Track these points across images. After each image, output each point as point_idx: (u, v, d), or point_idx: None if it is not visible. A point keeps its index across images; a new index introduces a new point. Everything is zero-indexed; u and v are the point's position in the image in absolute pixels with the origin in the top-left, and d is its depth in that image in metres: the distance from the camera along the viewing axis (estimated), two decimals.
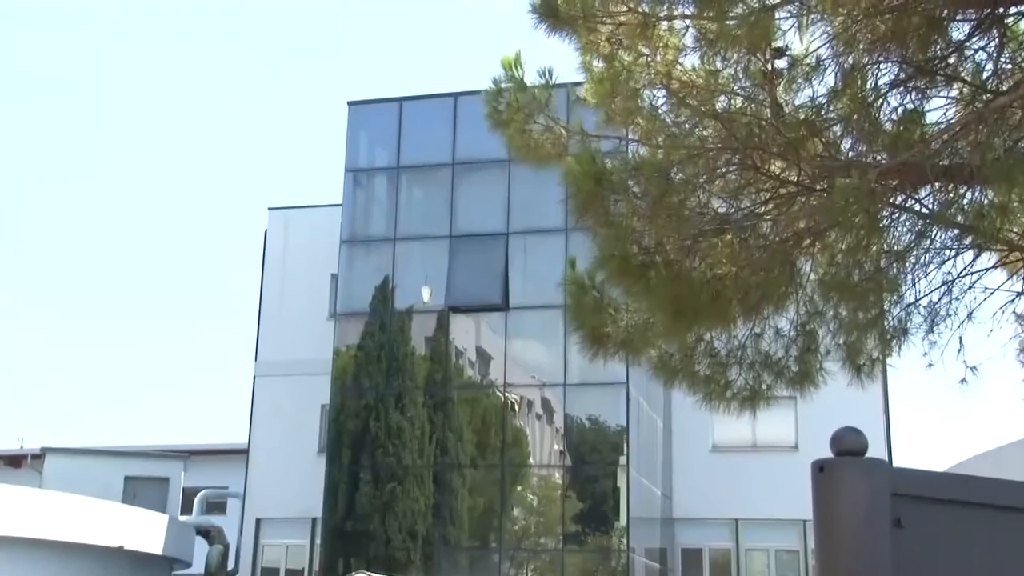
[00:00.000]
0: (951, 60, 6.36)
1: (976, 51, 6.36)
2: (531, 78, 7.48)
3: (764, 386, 7.79)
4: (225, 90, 77.39)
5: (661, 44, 6.87)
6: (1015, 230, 6.83)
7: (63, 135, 73.80)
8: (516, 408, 26.54)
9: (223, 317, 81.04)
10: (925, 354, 7.44)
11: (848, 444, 1.87)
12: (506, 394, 26.33)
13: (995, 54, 6.32)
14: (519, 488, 26.36)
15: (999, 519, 1.99)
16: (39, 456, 32.51)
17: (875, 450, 1.99)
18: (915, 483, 1.92)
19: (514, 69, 7.46)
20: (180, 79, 76.86)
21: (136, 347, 76.71)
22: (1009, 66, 6.29)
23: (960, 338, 7.22)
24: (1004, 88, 6.12)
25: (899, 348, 7.39)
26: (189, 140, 76.69)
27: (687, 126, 7.02)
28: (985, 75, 6.34)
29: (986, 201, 6.30)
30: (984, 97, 6.16)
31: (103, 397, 73.05)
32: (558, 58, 7.37)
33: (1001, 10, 6.11)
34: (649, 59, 6.96)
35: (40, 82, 69.51)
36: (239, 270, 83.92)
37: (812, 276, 7.33)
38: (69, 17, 66.51)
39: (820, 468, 1.88)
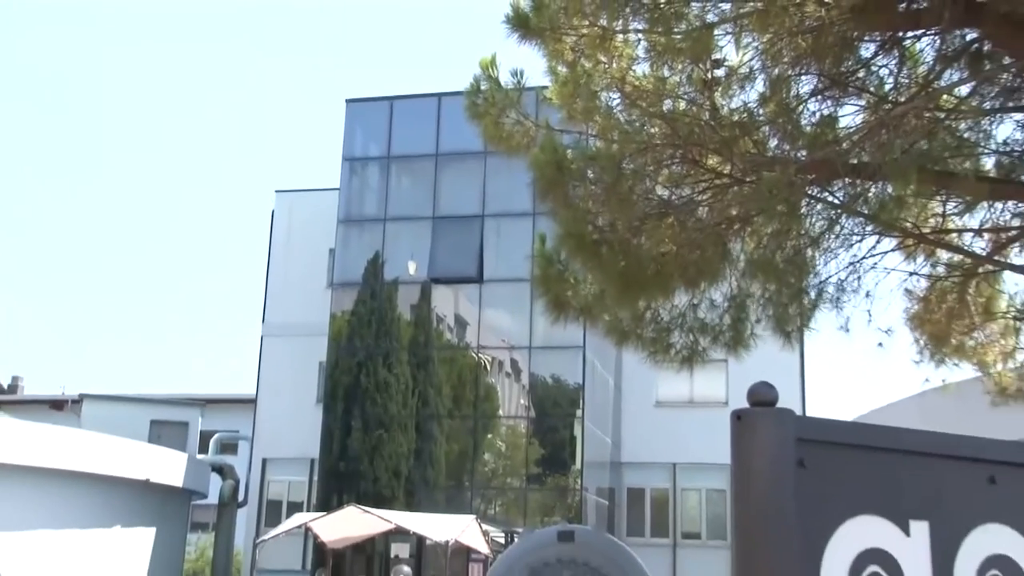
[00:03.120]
0: (860, 74, 6.39)
1: (880, 67, 6.41)
2: (505, 79, 7.44)
3: (701, 348, 7.83)
4: (242, 89, 77.13)
5: (617, 54, 6.85)
6: (910, 220, 6.89)
7: (90, 129, 73.18)
8: (488, 367, 26.59)
9: (236, 285, 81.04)
10: (842, 325, 7.51)
11: (761, 396, 1.89)
12: (479, 355, 26.36)
13: (896, 70, 6.36)
14: (489, 436, 26.44)
15: (887, 459, 2.03)
16: (78, 401, 32.56)
17: (792, 404, 2.01)
18: (817, 429, 1.95)
19: (490, 69, 7.41)
20: (205, 80, 76.51)
21: (163, 311, 76.77)
22: (906, 80, 6.34)
23: (869, 311, 7.31)
24: (902, 99, 6.17)
25: (812, 318, 7.45)
26: (212, 133, 76.41)
27: (637, 124, 7.01)
28: (887, 88, 6.39)
29: (886, 194, 6.35)
30: (886, 106, 6.20)
31: (134, 352, 73.29)
32: (527, 62, 7.33)
33: (900, 34, 6.15)
34: (606, 66, 6.93)
35: (53, 78, 68.76)
36: (250, 244, 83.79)
37: (742, 255, 7.36)
38: (83, 18, 65.75)
39: (738, 417, 1.90)
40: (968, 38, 6.00)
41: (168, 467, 26.24)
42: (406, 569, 17.24)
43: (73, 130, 72.62)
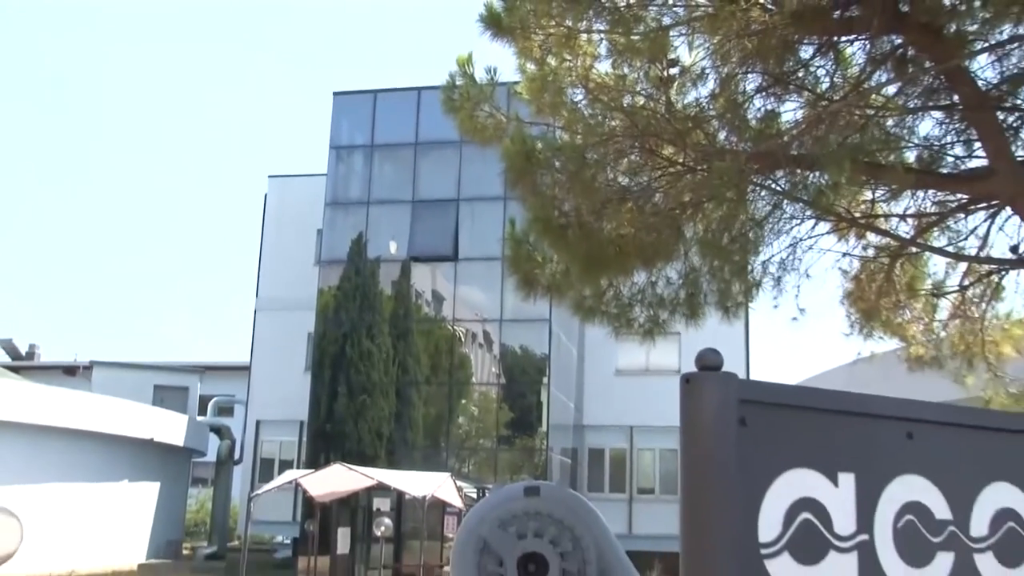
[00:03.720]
0: (800, 74, 6.40)
1: (817, 68, 6.42)
2: (479, 75, 7.37)
3: (661, 320, 7.79)
4: (239, 84, 76.80)
5: (581, 52, 6.80)
6: (843, 205, 6.95)
7: (96, 125, 72.42)
8: (462, 338, 26.60)
9: (232, 262, 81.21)
10: (775, 298, 7.55)
11: (707, 361, 1.91)
12: (454, 327, 26.37)
13: (831, 71, 6.39)
14: (463, 401, 26.49)
15: (819, 418, 2.07)
16: (89, 367, 32.60)
17: (737, 371, 2.04)
18: (757, 391, 1.98)
19: (466, 66, 7.33)
20: (206, 76, 76.04)
21: (166, 285, 77.11)
22: (840, 80, 6.37)
23: (798, 287, 7.35)
24: (837, 97, 6.20)
25: (757, 294, 7.48)
26: (210, 125, 76.28)
27: (599, 118, 6.96)
28: (824, 86, 6.41)
29: (823, 183, 6.40)
30: (822, 103, 6.23)
31: (140, 323, 73.92)
32: (499, 59, 7.27)
33: (835, 38, 6.18)
34: (571, 64, 6.89)
35: (57, 74, 67.82)
36: (245, 225, 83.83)
37: (694, 237, 7.35)
38: (86, 20, 64.79)
39: (686, 380, 1.92)
40: (894, 43, 6.04)
41: (170, 427, 26.27)
42: (387, 521, 17.29)
43: (79, 125, 72.02)
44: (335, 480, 20.47)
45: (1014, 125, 6.33)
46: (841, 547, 2.00)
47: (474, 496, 21.46)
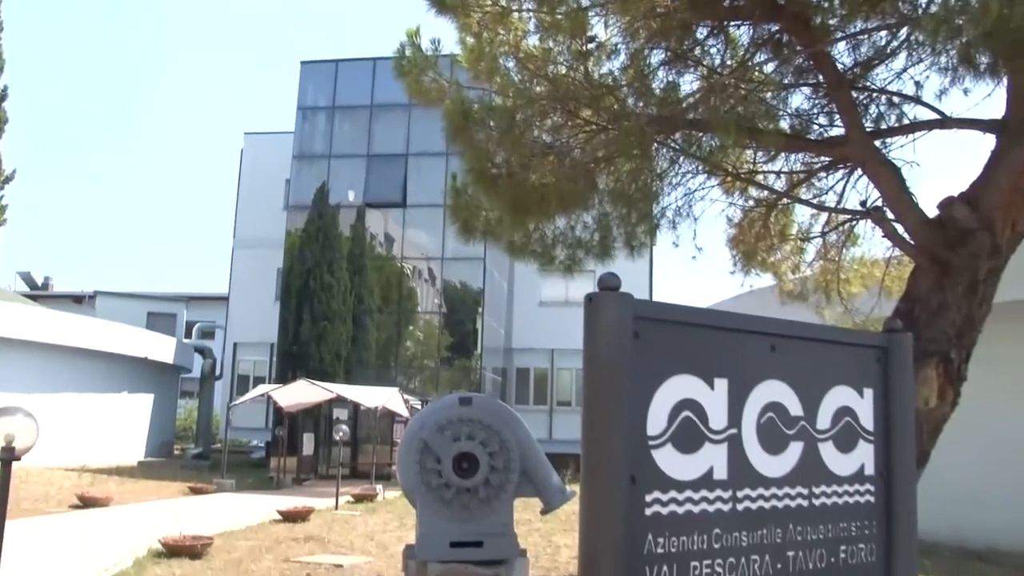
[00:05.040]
0: (696, 51, 6.38)
1: (710, 47, 6.41)
2: (425, 46, 7.18)
3: (579, 259, 7.78)
4: (220, 51, 74.85)
5: (513, 28, 6.67)
6: (730, 163, 7.00)
7: (116, 101, 69.86)
8: (410, 274, 26.50)
9: (213, 206, 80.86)
10: (676, 241, 7.61)
11: (607, 283, 1.91)
12: (403, 264, 26.23)
13: (721, 50, 6.38)
14: (410, 327, 26.48)
15: (700, 332, 2.09)
16: (93, 296, 32.60)
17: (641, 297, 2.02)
18: (649, 309, 1.99)
19: (414, 38, 7.14)
20: (192, 47, 73.92)
21: (157, 226, 76.68)
22: (729, 58, 6.37)
23: (694, 231, 7.43)
24: (726, 72, 6.20)
25: (656, 236, 7.52)
26: (200, 92, 74.65)
27: (527, 84, 6.87)
28: (715, 63, 6.41)
29: (713, 144, 6.43)
30: (714, 77, 6.23)
31: (136, 258, 73.83)
32: (443, 32, 7.12)
33: (725, 23, 6.17)
34: (504, 37, 6.75)
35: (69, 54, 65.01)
36: (223, 175, 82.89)
37: (605, 187, 7.34)
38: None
39: (590, 299, 1.92)
40: (772, 30, 6.05)
41: (162, 348, 26.07)
42: (344, 427, 17.32)
43: (93, 104, 69.71)
44: (301, 393, 20.41)
45: (864, 102, 6.45)
46: (714, 439, 2.05)
47: (418, 407, 21.60)
